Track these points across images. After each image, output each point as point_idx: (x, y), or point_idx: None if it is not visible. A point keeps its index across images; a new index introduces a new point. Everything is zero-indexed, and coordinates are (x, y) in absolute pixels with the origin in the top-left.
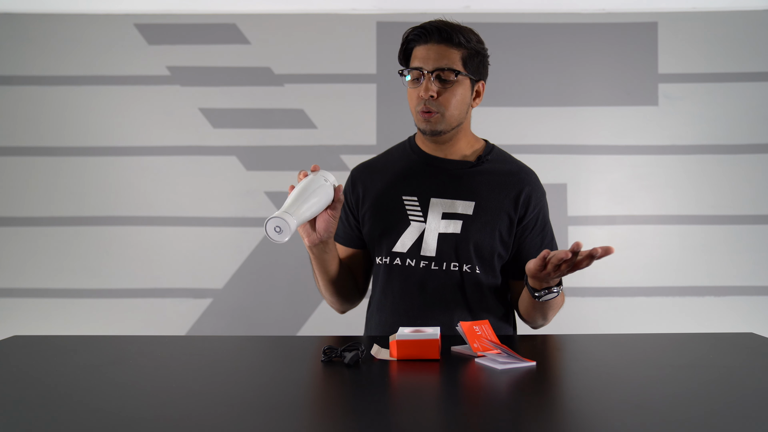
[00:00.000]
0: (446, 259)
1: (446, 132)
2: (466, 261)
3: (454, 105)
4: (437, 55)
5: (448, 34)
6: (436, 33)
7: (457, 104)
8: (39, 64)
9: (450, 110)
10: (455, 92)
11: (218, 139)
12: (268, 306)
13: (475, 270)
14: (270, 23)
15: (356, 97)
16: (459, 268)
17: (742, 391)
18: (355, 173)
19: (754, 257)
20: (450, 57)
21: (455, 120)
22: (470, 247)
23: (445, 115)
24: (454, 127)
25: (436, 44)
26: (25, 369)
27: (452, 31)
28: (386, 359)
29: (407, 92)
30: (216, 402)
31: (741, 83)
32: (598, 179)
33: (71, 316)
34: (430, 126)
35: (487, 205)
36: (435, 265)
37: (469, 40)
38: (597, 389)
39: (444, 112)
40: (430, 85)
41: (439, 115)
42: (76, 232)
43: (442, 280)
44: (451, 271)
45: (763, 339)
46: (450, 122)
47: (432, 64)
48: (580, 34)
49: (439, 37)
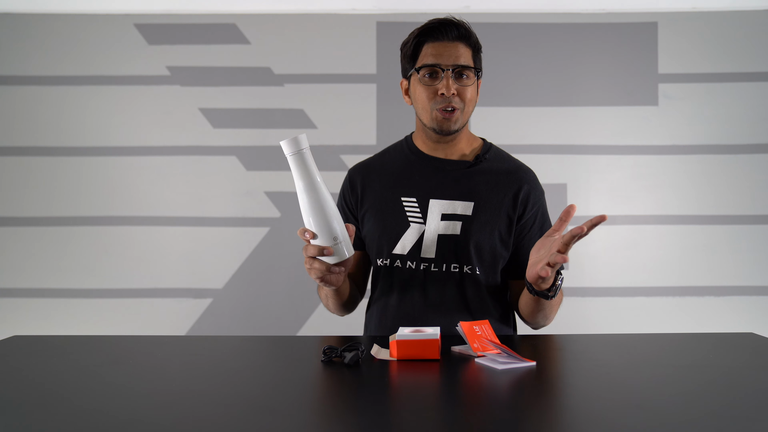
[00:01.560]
0: (446, 261)
1: (460, 129)
2: (467, 262)
3: (469, 102)
4: (457, 53)
5: (465, 31)
6: (454, 29)
7: (472, 102)
8: (39, 64)
9: (467, 108)
10: (473, 89)
11: (218, 139)
12: (268, 306)
13: (476, 271)
14: (270, 23)
15: (356, 97)
16: (459, 269)
17: (743, 391)
18: (352, 173)
19: (754, 257)
20: (466, 55)
21: (468, 117)
22: (470, 248)
23: (464, 112)
24: (465, 125)
25: (451, 41)
26: (24, 369)
27: (467, 29)
28: (386, 359)
29: (416, 90)
30: (216, 402)
31: (741, 83)
32: (598, 179)
33: (71, 316)
34: (449, 125)
35: (486, 206)
36: (435, 267)
37: (476, 39)
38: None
39: (463, 109)
40: (452, 82)
41: (459, 113)
42: (76, 232)
43: (442, 281)
44: (452, 273)
45: (763, 339)
46: (465, 120)
47: (452, 61)
48: (580, 34)
49: (456, 34)
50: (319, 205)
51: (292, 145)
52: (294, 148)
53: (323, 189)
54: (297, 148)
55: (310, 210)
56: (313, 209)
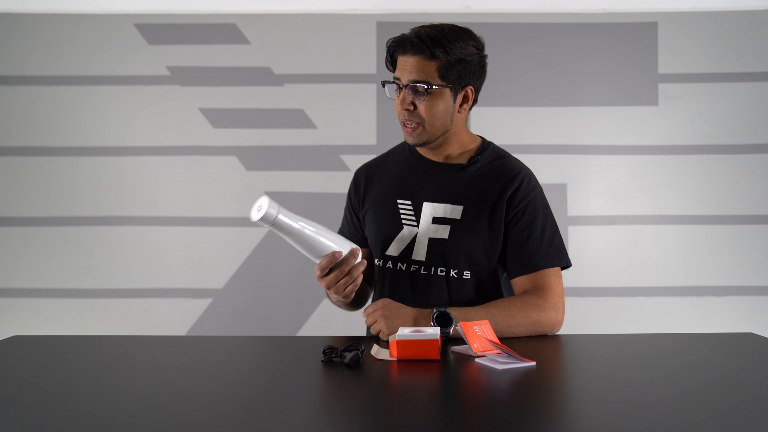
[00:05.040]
0: (434, 264)
1: (431, 141)
2: (454, 266)
3: (434, 116)
4: (411, 67)
5: (421, 46)
6: (409, 45)
7: (438, 114)
8: (39, 64)
9: (430, 121)
10: (433, 104)
11: (218, 139)
12: (268, 306)
13: (463, 275)
14: (270, 23)
15: (356, 97)
16: (446, 273)
17: (743, 391)
18: (358, 174)
19: (754, 257)
20: (425, 69)
21: (438, 130)
22: (458, 252)
23: (426, 126)
24: (438, 137)
25: (411, 56)
26: (24, 369)
27: (427, 43)
28: (386, 359)
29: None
30: (216, 402)
31: (741, 83)
32: (598, 179)
33: (71, 316)
34: (413, 138)
35: (474, 209)
36: (424, 270)
37: (449, 50)
38: (597, 389)
39: (424, 123)
40: (406, 97)
41: (420, 127)
42: (76, 232)
43: (429, 284)
44: (438, 276)
45: (763, 339)
46: (433, 132)
47: (406, 77)
48: (580, 34)
49: (413, 49)
50: (316, 243)
51: (266, 219)
52: (269, 221)
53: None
54: (271, 219)
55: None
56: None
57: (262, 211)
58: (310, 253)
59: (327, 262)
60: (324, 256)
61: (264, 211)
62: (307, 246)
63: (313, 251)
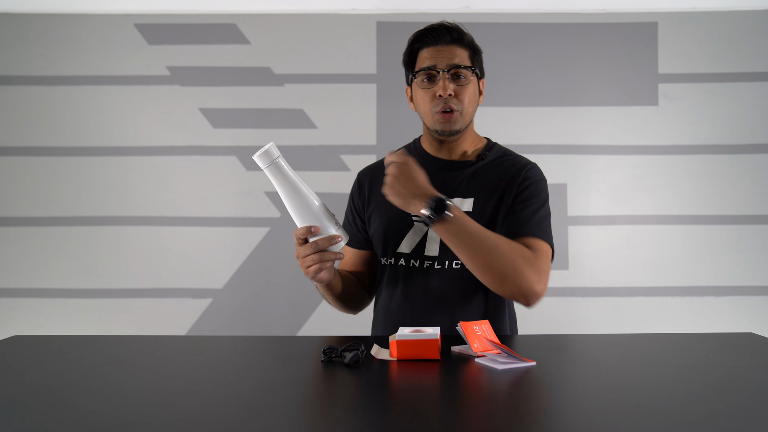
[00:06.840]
0: (448, 258)
1: (462, 130)
2: None
3: (469, 102)
4: (451, 54)
5: (458, 33)
6: (446, 33)
7: (471, 102)
8: (39, 64)
9: (466, 108)
10: (469, 90)
11: (218, 139)
12: (268, 306)
13: None
14: (270, 23)
15: (356, 97)
16: (461, 266)
17: (743, 391)
18: (361, 176)
19: (754, 257)
20: (461, 55)
21: (469, 117)
22: None
23: (463, 113)
24: (467, 126)
25: (446, 45)
26: (24, 369)
27: (460, 31)
28: (386, 359)
29: (416, 94)
30: (216, 402)
31: (741, 83)
32: (598, 179)
33: (71, 316)
34: (450, 126)
35: (485, 201)
36: (438, 264)
37: (471, 39)
38: (597, 389)
39: (462, 110)
40: (448, 83)
41: (458, 114)
42: (76, 232)
43: (444, 278)
44: (453, 269)
45: (763, 339)
46: (466, 120)
47: (446, 63)
48: (580, 34)
49: (449, 38)
50: (305, 204)
51: (265, 158)
52: (268, 160)
53: (306, 190)
54: (270, 159)
55: (300, 212)
56: (302, 211)
57: (265, 149)
58: (297, 212)
59: (301, 233)
60: (307, 221)
61: (267, 148)
62: (297, 202)
63: (300, 211)
